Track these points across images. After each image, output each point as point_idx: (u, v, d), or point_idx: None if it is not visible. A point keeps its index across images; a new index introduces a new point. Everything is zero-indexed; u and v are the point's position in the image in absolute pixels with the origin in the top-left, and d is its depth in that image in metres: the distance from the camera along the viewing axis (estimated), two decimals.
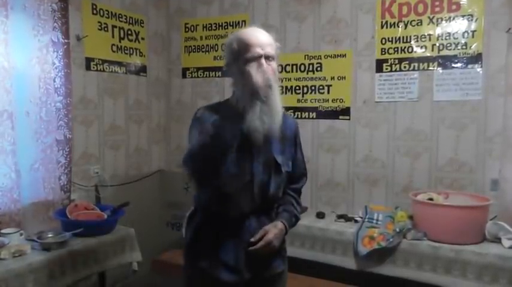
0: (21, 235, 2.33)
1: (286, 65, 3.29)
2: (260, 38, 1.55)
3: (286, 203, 1.74)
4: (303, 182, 1.84)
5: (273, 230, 1.61)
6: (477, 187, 2.74)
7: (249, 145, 1.55)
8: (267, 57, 1.53)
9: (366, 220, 2.68)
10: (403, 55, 2.91)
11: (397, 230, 2.50)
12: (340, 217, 2.91)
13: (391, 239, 2.47)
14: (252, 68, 1.50)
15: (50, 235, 2.41)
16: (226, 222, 1.61)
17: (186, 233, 1.72)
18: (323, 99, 3.19)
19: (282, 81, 3.31)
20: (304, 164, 1.84)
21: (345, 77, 3.10)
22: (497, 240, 2.39)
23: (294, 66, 3.27)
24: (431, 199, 2.54)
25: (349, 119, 3.11)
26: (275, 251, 1.64)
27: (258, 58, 1.51)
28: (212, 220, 1.63)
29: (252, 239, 1.58)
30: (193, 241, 1.68)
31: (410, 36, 2.88)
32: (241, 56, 1.53)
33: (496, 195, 2.59)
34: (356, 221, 2.80)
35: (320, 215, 2.96)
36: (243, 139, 1.52)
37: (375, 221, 2.65)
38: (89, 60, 3.09)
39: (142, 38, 3.56)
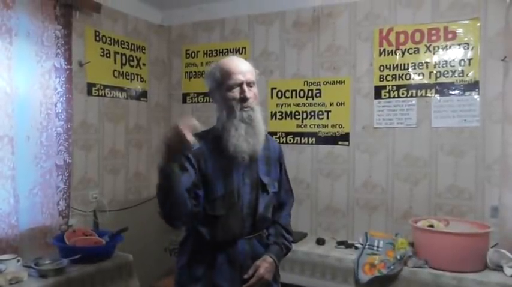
0: (18, 261, 2.30)
1: (285, 91, 3.32)
2: (241, 66, 1.65)
3: (276, 235, 1.78)
4: (290, 203, 1.88)
5: (263, 264, 1.65)
6: (477, 213, 2.74)
7: (235, 166, 1.62)
8: (248, 84, 1.63)
9: (366, 246, 2.65)
10: (401, 82, 2.95)
11: (398, 257, 2.48)
12: (340, 243, 2.89)
13: (392, 267, 2.44)
14: (235, 94, 1.61)
15: (47, 262, 2.38)
16: (219, 246, 1.64)
17: (179, 259, 1.74)
18: (322, 125, 3.21)
19: (281, 106, 3.34)
20: (290, 185, 1.90)
21: (343, 103, 3.14)
22: (499, 268, 2.37)
23: (294, 92, 3.30)
24: (431, 226, 2.53)
25: (348, 145, 3.12)
26: (268, 284, 1.68)
27: (240, 84, 1.61)
28: (205, 245, 1.65)
29: (245, 276, 1.62)
30: (186, 267, 1.69)
31: (408, 64, 2.93)
32: (224, 83, 1.63)
33: (497, 222, 2.58)
34: (356, 247, 2.78)
35: (320, 242, 2.94)
36: (229, 161, 1.60)
37: (375, 248, 2.63)
38: (90, 86, 3.12)
39: (144, 64, 3.61)
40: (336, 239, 3.00)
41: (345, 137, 3.13)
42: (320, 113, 3.22)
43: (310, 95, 3.25)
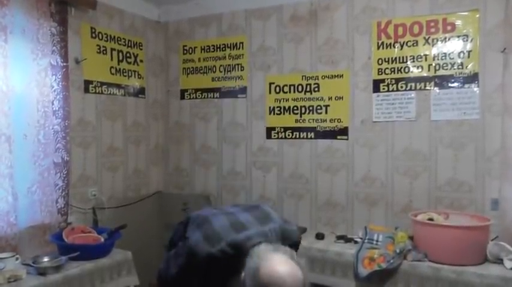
0: (16, 259, 2.30)
1: (283, 86, 3.30)
2: None
3: None
4: None
5: None
6: (477, 206, 2.72)
7: None
8: None
9: (366, 240, 2.65)
10: (399, 75, 2.93)
11: (398, 251, 2.47)
12: (339, 237, 2.89)
13: (391, 261, 2.44)
14: None
15: (45, 259, 2.39)
16: None
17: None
18: (321, 120, 3.19)
19: (280, 101, 3.32)
20: None
21: (342, 97, 3.12)
22: (499, 261, 2.36)
23: (292, 87, 3.28)
24: (431, 219, 2.52)
25: (347, 139, 3.10)
26: None
27: None
28: None
29: None
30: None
31: (406, 57, 2.91)
32: None
33: (497, 215, 2.57)
34: (356, 242, 2.77)
35: (319, 236, 2.93)
36: None
37: (375, 242, 2.62)
38: (87, 83, 3.11)
39: (141, 61, 3.60)
40: (336, 233, 2.99)
41: (344, 132, 3.11)
42: (318, 107, 3.20)
43: (308, 89, 3.23)
